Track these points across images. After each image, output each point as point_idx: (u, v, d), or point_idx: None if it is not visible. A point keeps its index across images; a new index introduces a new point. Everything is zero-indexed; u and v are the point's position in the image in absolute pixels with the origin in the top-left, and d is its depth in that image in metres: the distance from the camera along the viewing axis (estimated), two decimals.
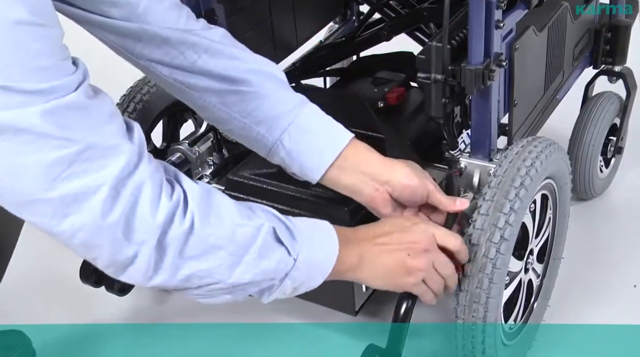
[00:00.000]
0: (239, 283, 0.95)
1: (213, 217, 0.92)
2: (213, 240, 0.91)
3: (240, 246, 0.93)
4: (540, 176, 1.27)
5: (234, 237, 0.93)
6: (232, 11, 1.54)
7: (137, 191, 0.85)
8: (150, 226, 0.86)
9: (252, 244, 0.94)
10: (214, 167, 1.54)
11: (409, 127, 1.54)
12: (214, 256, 0.92)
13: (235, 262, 0.93)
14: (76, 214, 0.83)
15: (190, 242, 0.89)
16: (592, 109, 1.74)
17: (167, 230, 0.87)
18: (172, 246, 0.88)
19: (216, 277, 0.93)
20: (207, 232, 0.91)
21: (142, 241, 0.86)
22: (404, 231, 1.10)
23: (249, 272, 0.95)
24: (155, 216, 0.86)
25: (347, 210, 1.33)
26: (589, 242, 1.72)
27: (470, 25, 1.23)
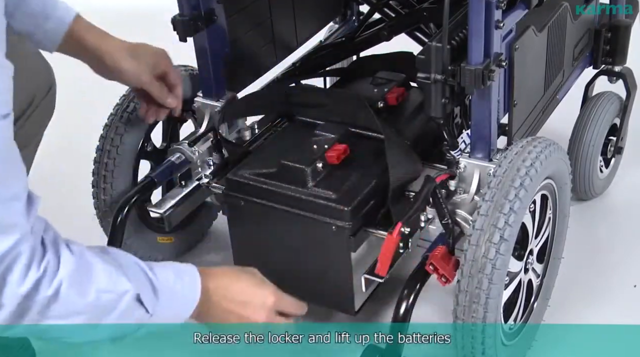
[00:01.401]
0: (93, 340, 1.05)
1: (79, 285, 0.99)
2: (76, 306, 0.99)
3: (102, 311, 1.01)
4: (539, 176, 1.27)
5: (97, 303, 1.00)
6: (232, 11, 1.54)
7: (12, 263, 0.92)
8: (14, 294, 0.93)
9: (114, 309, 1.02)
10: (214, 167, 1.54)
11: (409, 127, 1.54)
12: (74, 319, 1.00)
13: (94, 325, 1.02)
14: None
15: (52, 307, 0.96)
16: (592, 109, 1.74)
17: (31, 297, 0.94)
18: (32, 309, 0.95)
19: (71, 334, 1.01)
20: (70, 299, 0.97)
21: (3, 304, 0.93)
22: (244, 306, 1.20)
23: (105, 332, 1.04)
24: (20, 286, 0.93)
25: (347, 209, 1.34)
26: (589, 242, 1.72)
27: (470, 26, 1.23)
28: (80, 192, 1.62)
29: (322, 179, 1.40)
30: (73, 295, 0.98)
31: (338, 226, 1.34)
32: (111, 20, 2.10)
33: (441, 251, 1.26)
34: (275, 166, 1.42)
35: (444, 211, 1.29)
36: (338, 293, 1.44)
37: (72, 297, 0.98)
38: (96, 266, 1.02)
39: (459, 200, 1.36)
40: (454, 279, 1.25)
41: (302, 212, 1.37)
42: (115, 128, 1.53)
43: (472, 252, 1.19)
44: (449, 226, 1.29)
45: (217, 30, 1.53)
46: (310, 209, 1.37)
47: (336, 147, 1.43)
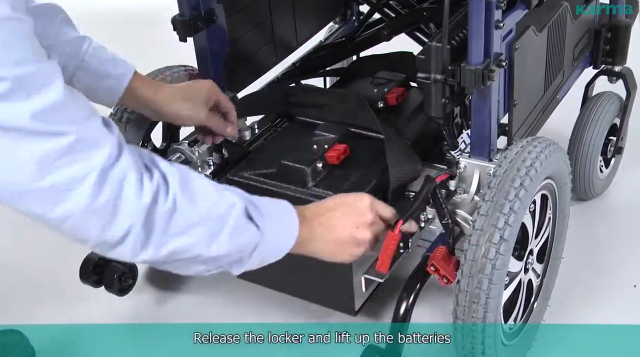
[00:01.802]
0: (215, 256, 1.02)
1: (192, 197, 0.99)
2: (193, 218, 0.99)
3: (217, 222, 1.01)
4: (539, 177, 1.27)
5: (210, 214, 1.01)
6: (232, 11, 1.54)
7: (121, 176, 0.92)
8: (137, 208, 0.93)
9: (227, 221, 1.02)
10: (214, 167, 1.54)
11: (409, 127, 1.54)
12: (194, 232, 0.99)
13: (213, 238, 1.01)
14: (67, 201, 0.90)
15: (173, 221, 0.96)
16: (592, 109, 1.74)
17: (152, 211, 0.94)
18: (157, 226, 0.95)
19: (196, 252, 1.00)
20: (187, 210, 0.98)
21: (130, 224, 0.93)
22: (348, 205, 1.19)
23: (225, 246, 1.02)
24: (140, 199, 0.93)
25: None
26: (589, 242, 1.72)
27: (470, 26, 1.23)
28: None
29: (322, 179, 1.40)
30: (188, 205, 0.98)
31: None
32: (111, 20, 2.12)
33: (442, 251, 1.26)
34: (275, 166, 1.42)
35: (444, 211, 1.29)
36: (338, 293, 1.44)
37: (187, 207, 0.98)
38: (201, 180, 1.03)
39: (459, 200, 1.36)
40: (455, 280, 1.25)
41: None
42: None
43: (472, 252, 1.19)
44: (449, 226, 1.29)
45: (217, 30, 1.53)
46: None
47: (336, 147, 1.43)
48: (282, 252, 1.12)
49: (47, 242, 1.58)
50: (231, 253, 1.03)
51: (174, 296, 1.66)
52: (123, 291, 1.52)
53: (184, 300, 1.66)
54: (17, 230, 1.89)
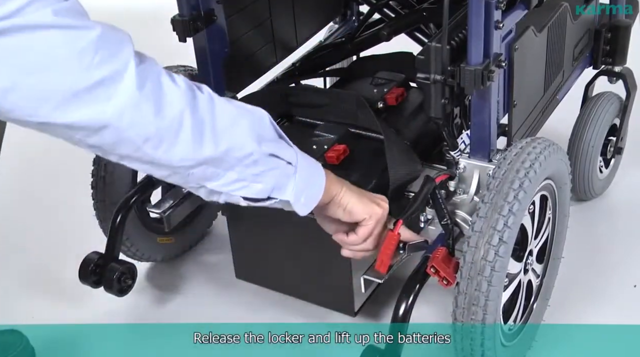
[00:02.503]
0: (266, 153, 1.04)
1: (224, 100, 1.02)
2: (233, 112, 1.02)
3: (256, 121, 1.05)
4: (539, 177, 1.27)
5: (244, 111, 1.04)
6: (232, 11, 1.54)
7: (154, 65, 0.95)
8: (180, 93, 0.95)
9: (263, 122, 1.06)
10: None
11: (409, 128, 1.54)
12: (240, 126, 1.02)
13: (257, 134, 1.04)
14: (118, 92, 0.90)
15: (217, 113, 0.99)
16: (592, 110, 1.74)
17: (194, 96, 0.97)
18: (206, 118, 0.97)
19: (249, 148, 1.02)
20: (224, 105, 1.01)
21: (180, 109, 0.95)
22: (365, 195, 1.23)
23: (270, 146, 1.05)
24: (178, 86, 0.96)
25: None
26: (589, 242, 1.72)
27: (469, 26, 1.22)
28: (80, 192, 1.62)
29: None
30: (224, 102, 1.01)
31: None
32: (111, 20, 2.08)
33: (442, 252, 1.26)
34: None
35: (444, 212, 1.29)
36: (338, 293, 1.44)
37: (224, 103, 1.01)
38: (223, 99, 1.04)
39: (458, 200, 1.36)
40: (455, 281, 1.25)
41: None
42: None
43: (471, 254, 1.19)
44: (449, 226, 1.29)
45: (217, 30, 1.53)
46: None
47: (336, 148, 1.43)
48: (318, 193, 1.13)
49: (47, 242, 1.58)
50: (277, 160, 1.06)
51: (174, 296, 1.66)
52: (122, 292, 1.52)
53: (184, 300, 1.66)
54: (17, 230, 1.89)
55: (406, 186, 1.40)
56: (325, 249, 1.39)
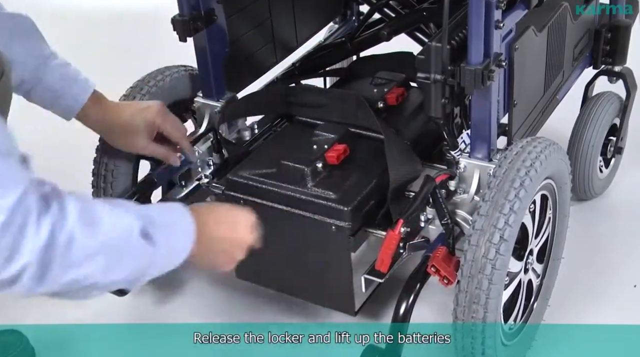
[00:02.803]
0: (114, 281, 1.04)
1: (90, 226, 0.99)
2: (91, 248, 0.99)
3: (114, 250, 1.02)
4: (539, 177, 1.27)
5: (109, 242, 1.01)
6: (232, 11, 1.54)
7: (27, 216, 0.92)
8: (33, 248, 0.93)
9: (125, 247, 1.03)
10: (214, 167, 1.54)
11: (409, 127, 1.54)
12: (92, 262, 0.99)
13: (112, 265, 1.02)
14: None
15: (71, 254, 0.96)
16: (592, 109, 1.74)
17: (49, 248, 0.94)
18: (55, 261, 0.95)
19: (94, 280, 1.01)
20: (85, 242, 0.98)
21: (26, 262, 0.93)
22: (234, 225, 1.21)
23: (123, 273, 1.04)
24: (38, 236, 0.93)
25: (347, 210, 1.34)
26: (589, 242, 1.72)
27: (469, 26, 1.23)
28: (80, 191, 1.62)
29: (322, 179, 1.40)
30: (87, 236, 0.98)
31: (338, 226, 1.34)
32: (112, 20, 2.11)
33: (442, 252, 1.26)
34: (275, 166, 1.42)
35: (444, 211, 1.30)
36: (338, 293, 1.44)
37: (86, 239, 0.98)
38: (99, 207, 1.03)
39: (458, 200, 1.36)
40: (455, 280, 1.25)
41: (302, 212, 1.37)
42: None
43: (472, 252, 1.19)
44: (449, 226, 1.30)
45: (217, 30, 1.53)
46: (310, 209, 1.37)
47: (336, 147, 1.43)
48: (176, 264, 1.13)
49: None
50: (129, 278, 1.06)
51: (174, 296, 1.66)
52: (122, 292, 1.52)
53: (184, 300, 1.65)
54: None
55: (406, 185, 1.40)
56: (325, 249, 1.39)
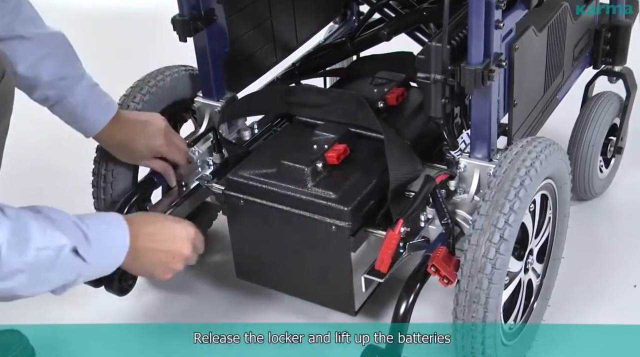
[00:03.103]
0: (38, 292, 1.11)
1: (18, 246, 1.05)
2: (16, 266, 1.05)
3: (42, 267, 1.08)
4: (539, 176, 1.27)
5: (36, 261, 1.07)
6: (232, 11, 1.54)
7: None
8: None
9: (54, 264, 1.09)
10: (214, 167, 1.54)
11: (409, 127, 1.54)
12: (16, 278, 1.06)
13: (36, 281, 1.09)
14: None
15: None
16: (592, 109, 1.74)
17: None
18: None
19: (17, 293, 1.08)
20: (11, 260, 1.04)
21: None
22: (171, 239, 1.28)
23: (48, 286, 1.12)
24: None
25: (347, 209, 1.34)
26: (589, 242, 1.72)
27: (469, 26, 1.23)
28: (81, 192, 1.62)
29: (322, 179, 1.40)
30: (14, 256, 1.04)
31: (338, 225, 1.35)
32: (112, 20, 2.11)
33: (442, 252, 1.26)
34: (275, 166, 1.42)
35: (444, 211, 1.30)
36: (338, 293, 1.44)
37: (12, 258, 1.04)
38: (32, 226, 1.07)
39: (459, 200, 1.36)
40: (455, 280, 1.25)
41: (302, 212, 1.37)
42: None
43: (472, 252, 1.19)
44: (449, 226, 1.30)
45: (217, 30, 1.53)
46: (310, 209, 1.37)
47: (336, 147, 1.43)
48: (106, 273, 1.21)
49: None
50: (54, 289, 1.13)
51: (174, 296, 1.66)
52: (123, 291, 1.52)
53: (184, 300, 1.65)
54: None
55: (406, 185, 1.40)
56: (325, 249, 1.39)
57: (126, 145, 1.47)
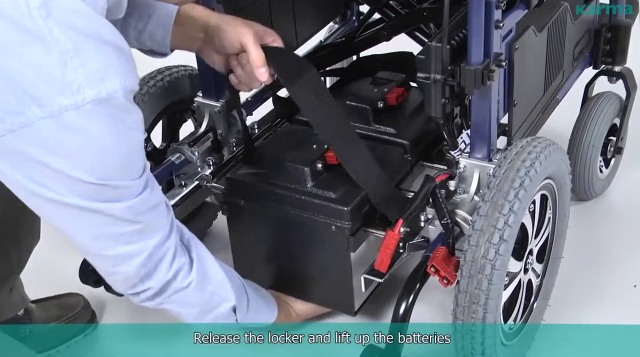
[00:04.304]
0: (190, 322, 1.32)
1: (203, 284, 1.26)
2: (194, 299, 1.26)
3: (209, 308, 1.30)
4: (539, 177, 1.27)
5: (208, 300, 1.29)
6: (232, 11, 1.53)
7: (163, 255, 1.19)
8: (161, 279, 1.20)
9: (216, 309, 1.30)
10: (214, 167, 1.54)
11: (409, 127, 1.54)
12: (190, 308, 1.28)
13: (200, 317, 1.31)
14: (122, 265, 1.17)
15: (179, 295, 1.24)
16: (592, 109, 1.74)
17: (171, 282, 1.22)
18: (167, 292, 1.23)
19: (182, 318, 1.30)
20: (194, 293, 1.25)
21: (150, 287, 1.21)
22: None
23: (202, 323, 1.32)
24: (167, 273, 1.20)
25: (347, 209, 1.34)
26: (589, 242, 1.72)
27: (469, 26, 1.23)
28: None
29: (322, 179, 1.40)
30: (197, 290, 1.24)
31: (338, 226, 1.34)
32: None
33: (442, 252, 1.26)
34: (275, 166, 1.42)
35: (444, 211, 1.29)
36: (337, 293, 1.44)
37: (195, 291, 1.24)
38: (216, 272, 1.28)
39: (458, 200, 1.36)
40: (455, 280, 1.24)
41: (302, 212, 1.37)
42: None
43: (472, 253, 1.19)
44: (449, 226, 1.29)
45: None
46: (309, 209, 1.37)
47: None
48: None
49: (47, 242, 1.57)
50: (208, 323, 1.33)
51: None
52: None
53: None
54: None
55: (389, 187, 1.38)
56: (325, 249, 1.39)
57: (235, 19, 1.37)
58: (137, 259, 1.16)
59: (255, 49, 1.32)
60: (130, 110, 1.06)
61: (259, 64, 1.32)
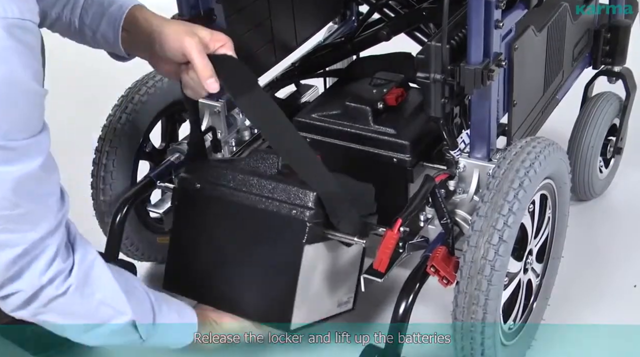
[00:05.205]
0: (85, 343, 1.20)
1: (87, 292, 1.12)
2: (77, 309, 1.12)
3: (99, 322, 1.15)
4: (539, 177, 1.27)
5: (96, 313, 1.14)
6: (231, 11, 1.54)
7: (40, 253, 1.05)
8: (34, 282, 1.07)
9: (109, 324, 1.15)
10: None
11: (409, 128, 1.53)
12: (73, 319, 1.13)
13: (88, 331, 1.15)
14: None
15: (57, 302, 1.09)
16: (592, 110, 1.74)
17: (45, 287, 1.08)
18: (40, 299, 1.08)
19: (66, 334, 1.15)
20: (74, 301, 1.10)
21: (20, 290, 1.07)
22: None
23: (97, 340, 1.19)
24: (42, 276, 1.07)
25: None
26: (589, 242, 1.72)
27: (469, 25, 1.23)
28: (80, 193, 1.62)
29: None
30: (77, 296, 1.10)
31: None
32: None
33: (441, 252, 1.26)
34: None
35: (443, 211, 1.29)
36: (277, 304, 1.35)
37: (75, 297, 1.10)
38: (106, 280, 1.14)
39: (458, 200, 1.36)
40: (455, 280, 1.24)
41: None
42: (114, 130, 1.53)
43: (471, 253, 1.19)
44: (449, 225, 1.29)
45: (217, 30, 1.52)
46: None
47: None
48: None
49: None
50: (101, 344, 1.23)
51: (173, 295, 1.66)
52: None
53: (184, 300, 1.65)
54: None
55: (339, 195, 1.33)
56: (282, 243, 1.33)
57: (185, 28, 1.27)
58: (9, 253, 1.03)
59: (200, 60, 1.23)
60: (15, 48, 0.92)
61: (206, 75, 1.23)
